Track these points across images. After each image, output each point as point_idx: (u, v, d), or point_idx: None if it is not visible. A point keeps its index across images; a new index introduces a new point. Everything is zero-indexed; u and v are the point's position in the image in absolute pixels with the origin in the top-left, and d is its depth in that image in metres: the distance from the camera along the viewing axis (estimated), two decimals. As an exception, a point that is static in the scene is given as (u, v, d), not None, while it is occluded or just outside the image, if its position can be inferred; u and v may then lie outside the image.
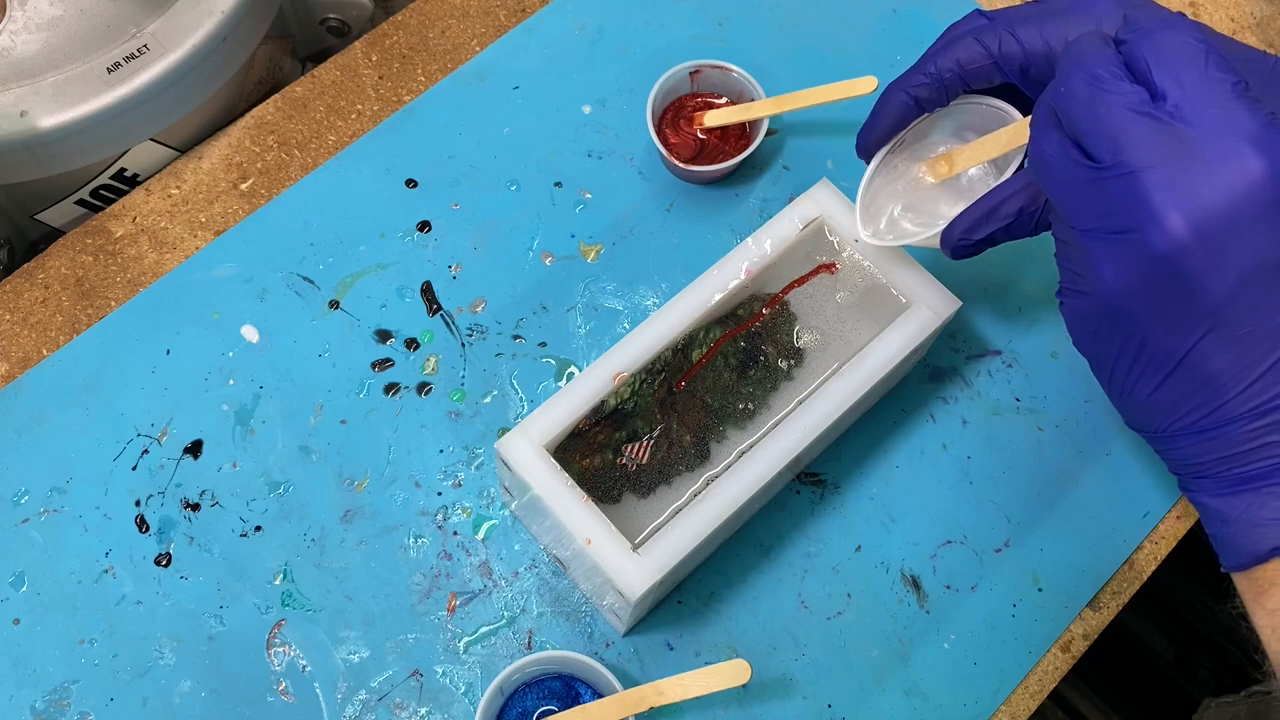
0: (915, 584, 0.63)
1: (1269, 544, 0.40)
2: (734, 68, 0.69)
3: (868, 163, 0.58)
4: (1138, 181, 0.38)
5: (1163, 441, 0.43)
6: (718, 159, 0.70)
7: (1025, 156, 0.50)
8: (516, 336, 0.67)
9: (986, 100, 0.55)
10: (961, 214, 0.53)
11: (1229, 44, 0.49)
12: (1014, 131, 0.53)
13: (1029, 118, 0.46)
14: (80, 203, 0.70)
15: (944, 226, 0.54)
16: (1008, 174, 0.54)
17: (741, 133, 0.71)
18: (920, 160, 0.58)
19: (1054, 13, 0.50)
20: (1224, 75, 0.39)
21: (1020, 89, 0.52)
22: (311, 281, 0.68)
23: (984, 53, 0.51)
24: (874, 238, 0.58)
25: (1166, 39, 0.40)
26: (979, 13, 0.53)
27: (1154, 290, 0.39)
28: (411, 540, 0.62)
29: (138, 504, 0.62)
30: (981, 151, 0.55)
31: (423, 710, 0.59)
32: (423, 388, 0.65)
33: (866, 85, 0.66)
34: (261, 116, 0.72)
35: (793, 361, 0.61)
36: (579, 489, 0.54)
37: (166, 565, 0.61)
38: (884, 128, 0.56)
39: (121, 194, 0.70)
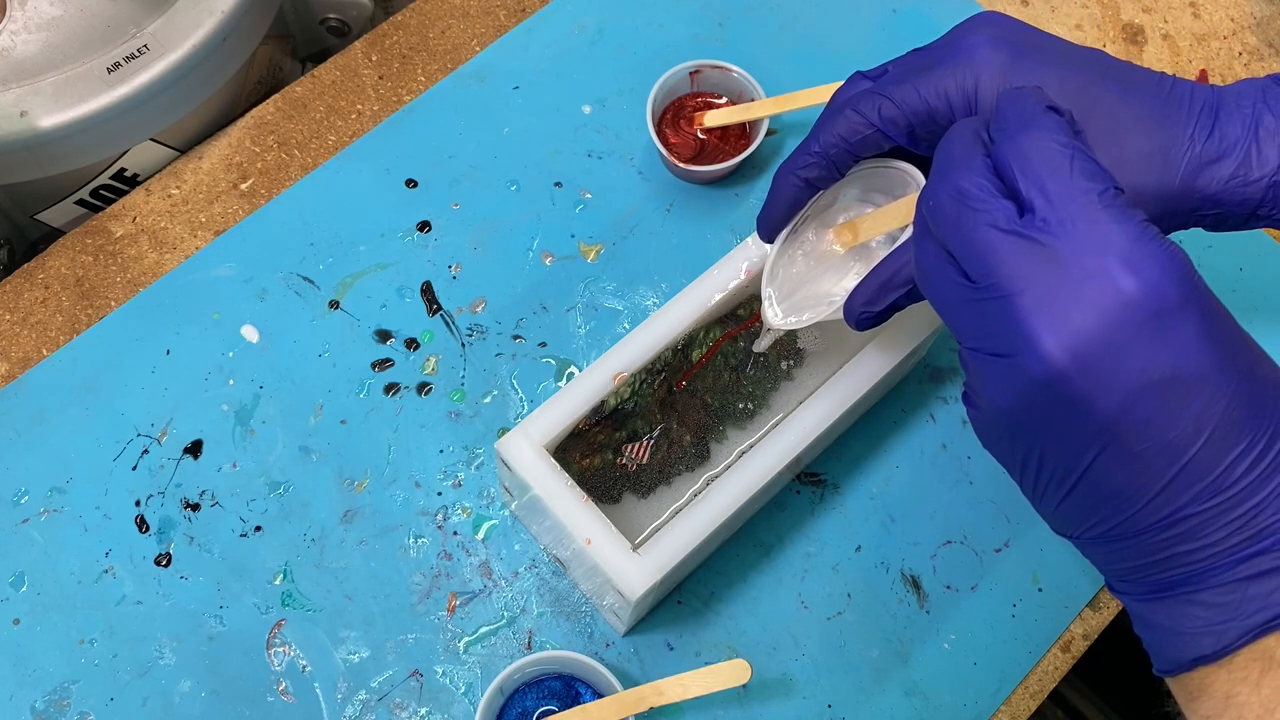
0: (915, 584, 0.63)
1: (1192, 653, 0.39)
2: (734, 68, 0.69)
3: (770, 244, 0.54)
4: (1010, 305, 0.37)
5: (1081, 547, 0.42)
6: (718, 159, 0.70)
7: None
8: (516, 336, 0.67)
9: (888, 162, 0.52)
10: (858, 286, 0.50)
11: (1128, 71, 0.47)
12: (914, 203, 0.49)
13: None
14: (80, 203, 0.70)
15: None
16: (900, 240, 0.50)
17: (741, 133, 0.71)
18: (829, 227, 0.55)
19: (930, 67, 0.47)
20: (1090, 184, 0.37)
21: (914, 152, 0.50)
22: (311, 281, 0.68)
23: (865, 122, 0.48)
24: (784, 319, 0.54)
25: (1029, 144, 0.38)
26: (859, 75, 0.51)
27: (1042, 411, 0.38)
28: (411, 540, 0.62)
29: (138, 504, 0.62)
30: (884, 220, 0.52)
31: (423, 710, 0.59)
32: (423, 388, 0.65)
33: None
34: (261, 116, 0.72)
35: (792, 362, 0.61)
36: (579, 489, 0.54)
37: (166, 565, 0.61)
38: (780, 211, 0.53)
39: (121, 194, 0.70)
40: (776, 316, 0.54)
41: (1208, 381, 0.36)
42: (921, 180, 0.51)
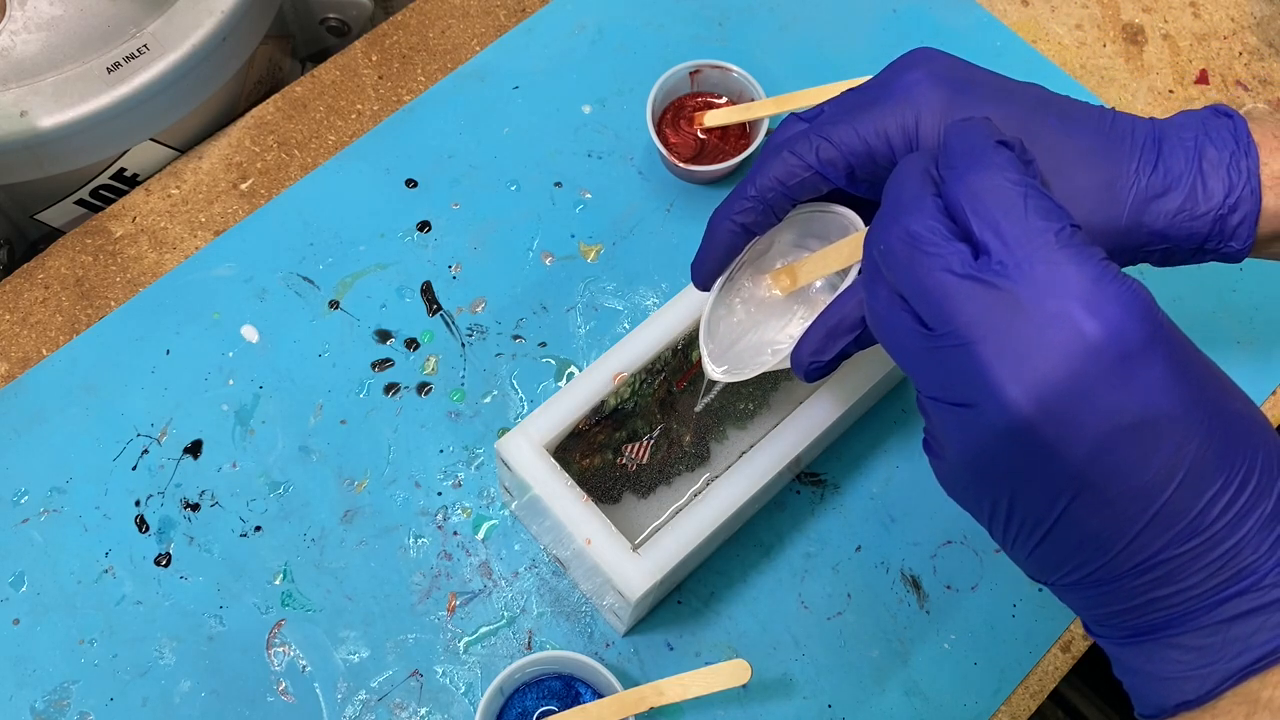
0: (915, 584, 0.63)
1: (1176, 698, 0.38)
2: (734, 68, 0.69)
3: (706, 291, 0.52)
4: (971, 354, 0.35)
5: (1057, 593, 0.41)
6: (718, 159, 0.70)
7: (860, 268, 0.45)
8: (516, 336, 0.67)
9: (825, 206, 0.50)
10: (804, 336, 0.48)
11: (1069, 105, 0.46)
12: (854, 244, 0.47)
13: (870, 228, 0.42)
14: (80, 203, 0.70)
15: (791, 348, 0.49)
16: (844, 284, 0.48)
17: (741, 133, 0.71)
18: (765, 273, 0.53)
19: (868, 106, 0.45)
20: (1046, 223, 0.36)
21: (853, 194, 0.48)
22: (311, 281, 0.68)
23: (802, 164, 0.46)
24: (727, 372, 0.51)
25: (980, 183, 0.37)
26: (794, 117, 0.49)
27: (1009, 461, 0.36)
28: (411, 540, 0.62)
29: (138, 504, 0.62)
30: (824, 263, 0.49)
31: (423, 710, 0.59)
32: (423, 388, 0.65)
33: (866, 85, 0.66)
34: (261, 116, 0.72)
35: (793, 361, 0.61)
36: (579, 489, 0.54)
37: (166, 565, 0.61)
38: (715, 259, 0.51)
39: (121, 194, 0.70)
40: (717, 371, 0.52)
41: (1178, 422, 0.35)
42: (860, 224, 0.49)
